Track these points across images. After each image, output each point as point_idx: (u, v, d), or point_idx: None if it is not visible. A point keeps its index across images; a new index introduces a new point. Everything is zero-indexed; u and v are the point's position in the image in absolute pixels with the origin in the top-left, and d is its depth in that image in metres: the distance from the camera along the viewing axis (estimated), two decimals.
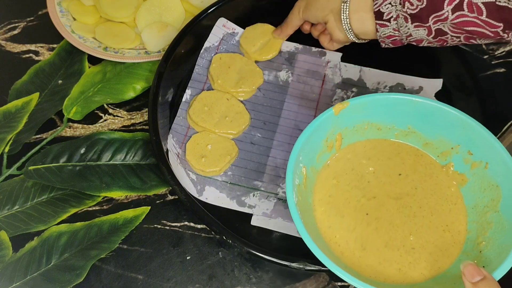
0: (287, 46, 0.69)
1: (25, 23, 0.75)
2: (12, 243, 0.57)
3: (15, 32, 0.74)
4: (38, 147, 0.64)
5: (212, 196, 0.58)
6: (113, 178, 0.61)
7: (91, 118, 0.66)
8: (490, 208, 0.48)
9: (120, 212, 0.59)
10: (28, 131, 0.65)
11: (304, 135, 0.49)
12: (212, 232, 0.57)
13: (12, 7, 0.76)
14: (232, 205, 0.58)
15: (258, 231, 0.56)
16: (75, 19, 0.72)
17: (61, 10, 0.72)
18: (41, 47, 0.72)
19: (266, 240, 0.56)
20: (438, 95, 0.65)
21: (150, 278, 0.55)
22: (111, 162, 0.62)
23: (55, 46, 0.72)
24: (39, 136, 0.64)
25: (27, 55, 0.72)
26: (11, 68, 0.70)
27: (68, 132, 0.65)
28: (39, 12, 0.75)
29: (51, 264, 0.56)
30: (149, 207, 0.59)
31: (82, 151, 0.63)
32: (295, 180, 0.47)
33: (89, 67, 0.70)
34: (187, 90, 0.65)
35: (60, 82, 0.69)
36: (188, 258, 0.56)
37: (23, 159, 0.63)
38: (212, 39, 0.68)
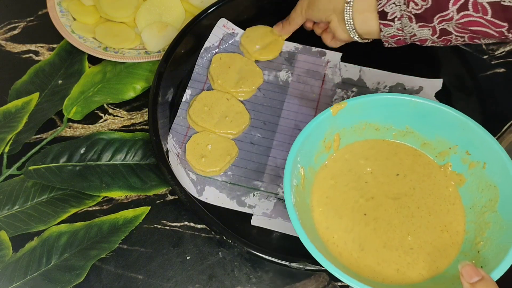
0: (287, 46, 0.69)
1: (25, 23, 0.75)
2: (12, 243, 0.57)
3: (15, 32, 0.74)
4: (38, 147, 0.64)
5: (212, 196, 0.58)
6: (113, 178, 0.61)
7: (91, 118, 0.66)
8: (488, 208, 0.48)
9: (120, 212, 0.59)
10: (28, 131, 0.65)
11: (302, 135, 0.49)
12: (212, 232, 0.57)
13: (12, 7, 0.76)
14: (232, 205, 0.58)
15: (258, 231, 0.56)
16: (75, 19, 0.72)
17: (61, 10, 0.72)
18: (41, 47, 0.72)
19: (266, 240, 0.56)
20: (438, 95, 0.65)
21: (150, 278, 0.55)
22: (111, 162, 0.63)
23: (55, 46, 0.72)
24: (39, 136, 0.64)
25: (27, 55, 0.72)
26: (11, 68, 0.70)
27: (68, 132, 0.65)
28: (39, 12, 0.75)
29: (51, 264, 0.56)
30: (149, 207, 0.59)
31: (82, 151, 0.63)
32: (293, 181, 0.47)
33: (89, 67, 0.70)
34: (187, 90, 0.65)
35: (60, 82, 0.69)
36: (188, 258, 0.56)
37: (23, 159, 0.63)
38: (212, 39, 0.68)
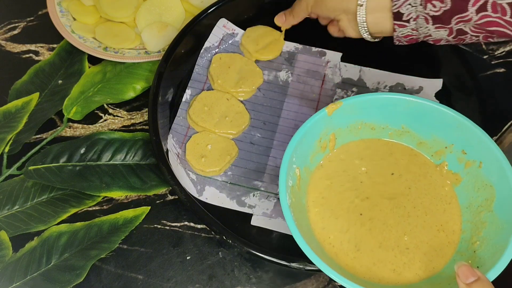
0: (287, 46, 0.69)
1: (25, 23, 0.75)
2: (12, 243, 0.57)
3: (15, 32, 0.74)
4: (38, 147, 0.64)
5: (212, 196, 0.58)
6: (113, 178, 0.61)
7: (91, 118, 0.66)
8: (484, 208, 0.48)
9: (120, 212, 0.59)
10: (28, 131, 0.65)
11: (297, 136, 0.49)
12: (212, 232, 0.57)
13: (12, 7, 0.76)
14: (232, 205, 0.58)
15: (258, 231, 0.56)
16: (75, 19, 0.72)
17: (61, 10, 0.72)
18: (41, 47, 0.72)
19: (266, 240, 0.56)
20: (438, 95, 0.65)
21: (150, 278, 0.55)
22: (111, 162, 0.62)
23: (55, 46, 0.72)
24: (39, 136, 0.64)
25: (27, 55, 0.72)
26: (11, 68, 0.70)
27: (68, 132, 0.65)
28: (39, 12, 0.75)
29: (51, 264, 0.56)
30: (149, 207, 0.59)
31: (82, 151, 0.63)
32: (288, 182, 0.47)
33: (89, 67, 0.70)
34: (187, 90, 0.65)
35: (60, 82, 0.69)
36: (188, 258, 0.56)
37: (23, 159, 0.63)
38: (212, 39, 0.68)
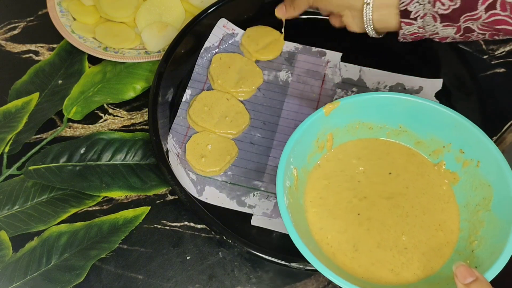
0: (287, 46, 0.69)
1: (25, 23, 0.75)
2: (12, 243, 0.57)
3: (15, 32, 0.74)
4: (38, 147, 0.64)
5: (212, 196, 0.58)
6: (113, 178, 0.61)
7: (91, 118, 0.66)
8: (481, 207, 0.48)
9: (120, 212, 0.59)
10: (28, 131, 0.65)
11: (294, 136, 0.49)
12: (212, 232, 0.57)
13: (12, 7, 0.76)
14: (232, 205, 0.58)
15: (258, 231, 0.56)
16: (75, 19, 0.72)
17: (61, 10, 0.72)
18: (41, 47, 0.72)
19: (266, 240, 0.56)
20: (438, 95, 0.65)
21: (150, 278, 0.55)
22: (111, 162, 0.62)
23: (55, 46, 0.72)
24: (39, 136, 0.64)
25: (27, 55, 0.72)
26: (11, 68, 0.70)
27: (68, 132, 0.65)
28: (39, 12, 0.75)
29: (51, 264, 0.56)
30: (149, 207, 0.59)
31: (82, 151, 0.63)
32: (285, 183, 0.47)
33: (89, 67, 0.70)
34: (187, 90, 0.65)
35: (60, 82, 0.69)
36: (188, 258, 0.56)
37: (23, 159, 0.63)
38: (212, 39, 0.68)
